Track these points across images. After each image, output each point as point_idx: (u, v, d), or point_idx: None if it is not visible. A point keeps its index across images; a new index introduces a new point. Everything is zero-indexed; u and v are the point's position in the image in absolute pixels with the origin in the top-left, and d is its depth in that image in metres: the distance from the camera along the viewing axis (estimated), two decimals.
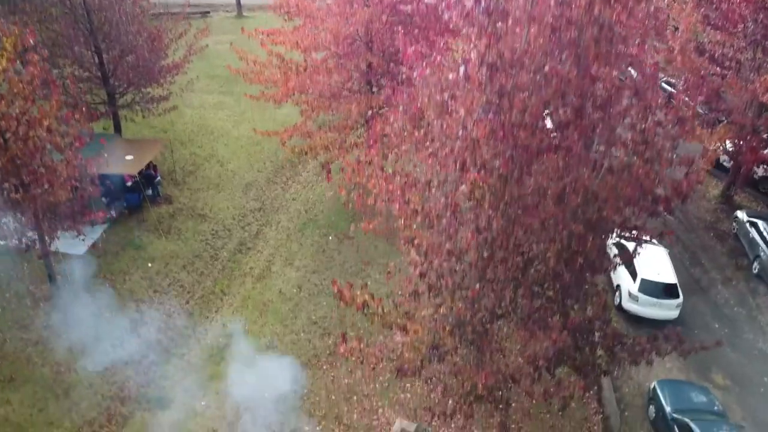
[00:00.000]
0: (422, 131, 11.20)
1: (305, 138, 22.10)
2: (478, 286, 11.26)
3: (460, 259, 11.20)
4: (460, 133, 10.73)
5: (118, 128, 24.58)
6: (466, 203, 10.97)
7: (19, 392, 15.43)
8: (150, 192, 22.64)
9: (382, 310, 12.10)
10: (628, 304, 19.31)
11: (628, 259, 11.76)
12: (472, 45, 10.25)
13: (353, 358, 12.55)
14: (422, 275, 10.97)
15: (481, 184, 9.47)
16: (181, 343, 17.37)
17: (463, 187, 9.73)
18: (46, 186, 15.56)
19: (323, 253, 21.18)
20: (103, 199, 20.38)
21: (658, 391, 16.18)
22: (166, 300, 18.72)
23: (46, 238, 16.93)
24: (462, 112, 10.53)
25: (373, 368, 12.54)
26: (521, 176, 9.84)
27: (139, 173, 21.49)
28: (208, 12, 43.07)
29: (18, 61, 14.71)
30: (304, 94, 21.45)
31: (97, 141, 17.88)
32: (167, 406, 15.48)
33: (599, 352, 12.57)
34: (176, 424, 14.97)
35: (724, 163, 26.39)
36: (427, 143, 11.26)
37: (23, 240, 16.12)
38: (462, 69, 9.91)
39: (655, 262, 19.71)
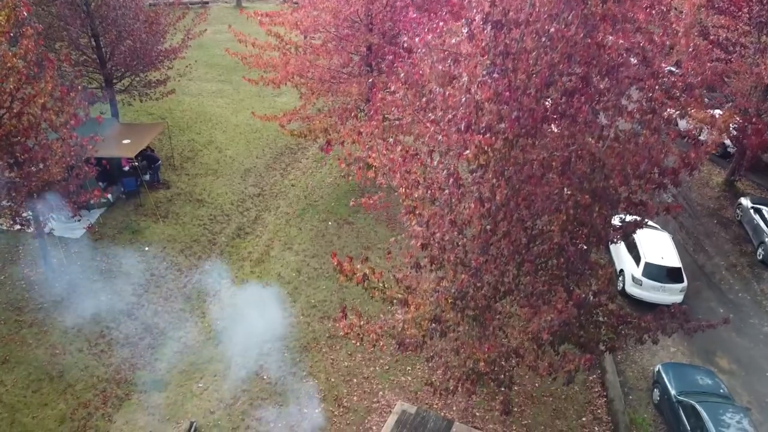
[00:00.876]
0: (424, 99, 10.92)
1: (304, 122, 21.84)
2: (481, 258, 10.99)
3: (462, 230, 10.93)
4: (463, 99, 10.48)
5: (115, 113, 24.30)
6: (470, 170, 10.72)
7: (12, 373, 15.14)
8: (148, 177, 22.39)
9: (383, 284, 11.81)
10: (631, 289, 19.03)
11: (634, 229, 11.45)
12: (475, 6, 10.01)
13: (352, 334, 12.19)
14: (424, 246, 10.69)
15: (486, 147, 9.17)
16: (178, 325, 17.08)
17: (467, 152, 9.43)
18: (40, 164, 15.29)
19: (322, 238, 20.92)
20: (100, 183, 20.12)
21: (663, 374, 15.90)
22: (163, 284, 18.44)
23: (40, 218, 16.65)
24: (465, 76, 10.27)
25: (373, 345, 12.20)
26: (527, 141, 9.55)
27: (139, 156, 21.22)
28: (207, 2, 42.83)
29: (11, 35, 14.41)
30: (304, 78, 21.19)
31: (94, 120, 17.57)
32: (163, 389, 15.20)
33: (603, 329, 12.29)
34: (172, 407, 14.70)
35: (729, 149, 26.14)
36: (429, 111, 10.99)
37: (17, 219, 15.82)
38: (465, 30, 9.64)
39: (659, 246, 19.45)
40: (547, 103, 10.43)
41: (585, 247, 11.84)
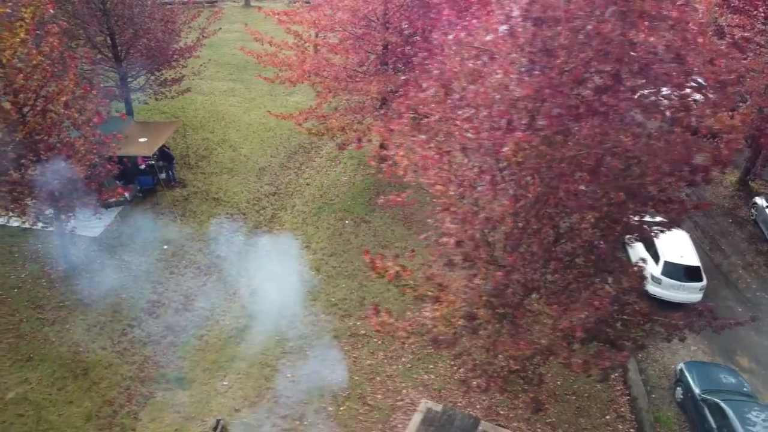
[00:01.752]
0: (456, 96, 10.92)
1: (320, 120, 21.85)
2: (513, 256, 11.00)
3: (495, 228, 10.95)
4: (497, 96, 10.49)
5: (130, 111, 24.29)
6: (500, 167, 10.72)
7: (37, 371, 15.15)
8: (164, 175, 22.40)
9: (413, 281, 11.82)
10: (650, 288, 18.97)
11: (672, 224, 11.46)
12: (506, 3, 10.02)
13: (383, 332, 12.20)
14: (458, 244, 10.69)
15: (525, 145, 9.18)
16: (199, 324, 17.08)
17: (505, 149, 9.43)
18: (69, 162, 15.29)
19: (340, 236, 20.91)
20: (117, 182, 20.12)
21: (686, 373, 15.91)
22: (183, 281, 18.45)
23: (62, 216, 16.65)
24: (500, 73, 10.29)
25: (403, 343, 12.22)
26: (566, 138, 9.56)
27: (155, 155, 21.23)
28: (215, 1, 42.81)
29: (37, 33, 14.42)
30: (320, 76, 21.20)
31: (116, 118, 17.60)
32: (187, 387, 15.21)
33: (633, 327, 12.31)
34: (197, 404, 14.71)
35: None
36: (461, 108, 10.99)
37: (40, 217, 15.82)
38: (504, 27, 9.64)
39: (678, 245, 19.45)
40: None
41: (615, 245, 11.88)
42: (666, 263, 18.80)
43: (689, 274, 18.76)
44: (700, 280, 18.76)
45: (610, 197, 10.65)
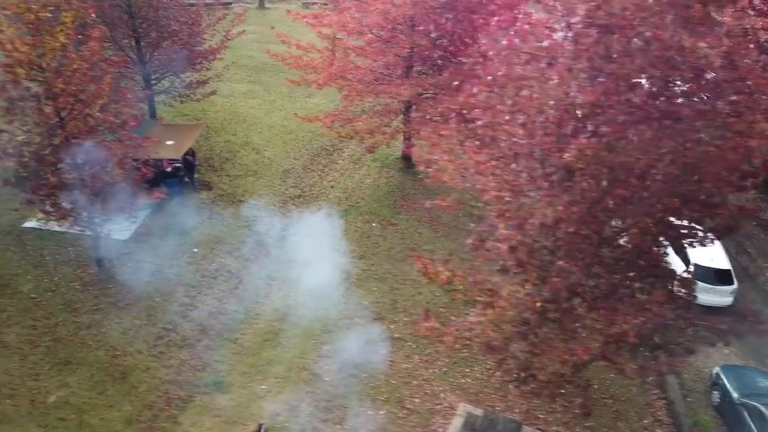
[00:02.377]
0: (510, 101, 10.92)
1: (346, 123, 21.86)
2: (568, 261, 11.02)
3: (548, 234, 10.95)
4: (551, 102, 10.51)
5: (153, 114, 24.29)
6: (547, 172, 10.73)
7: (76, 375, 15.16)
8: (187, 178, 22.39)
9: (463, 287, 11.83)
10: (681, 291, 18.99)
11: (727, 231, 11.50)
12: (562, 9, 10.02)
13: (432, 337, 12.22)
14: (512, 249, 10.70)
15: (588, 151, 9.19)
16: (233, 327, 17.09)
17: (567, 155, 9.44)
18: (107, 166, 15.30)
19: (368, 239, 20.93)
20: (145, 185, 20.09)
21: (723, 377, 15.92)
22: (215, 285, 18.46)
23: (96, 220, 16.64)
24: (556, 79, 10.30)
25: (452, 347, 12.24)
26: (627, 144, 9.58)
27: (183, 158, 21.25)
28: (230, 2, 42.77)
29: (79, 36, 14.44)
30: (346, 79, 21.22)
31: (148, 121, 17.59)
32: (225, 390, 15.22)
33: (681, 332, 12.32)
34: (237, 408, 14.72)
35: None
36: (514, 114, 11.00)
37: (78, 221, 15.83)
38: (561, 34, 9.65)
39: (708, 248, 19.37)
40: None
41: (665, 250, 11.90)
42: (697, 266, 18.77)
43: (720, 277, 18.76)
44: (731, 283, 18.76)
45: (664, 203, 10.68)
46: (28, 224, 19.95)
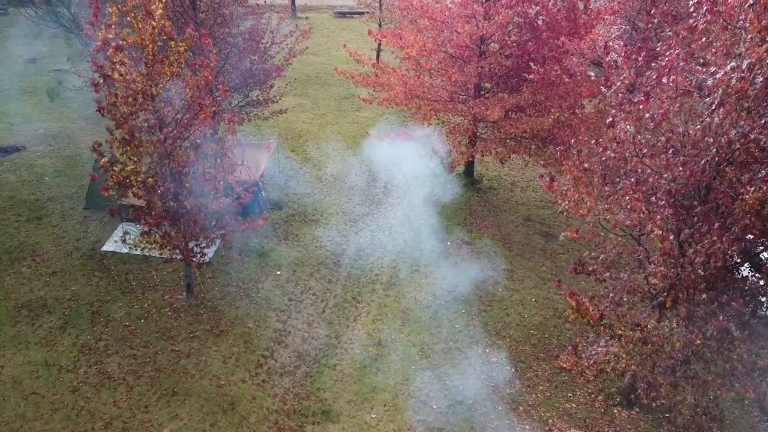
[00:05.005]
0: (663, 138, 10.90)
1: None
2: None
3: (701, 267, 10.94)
4: (709, 140, 10.52)
5: (216, 131, 24.10)
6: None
7: (185, 406, 15.00)
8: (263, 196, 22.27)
9: (611, 320, 11.80)
10: None
11: None
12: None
13: (572, 370, 12.19)
14: (672, 288, 10.68)
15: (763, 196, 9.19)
16: (328, 353, 16.99)
17: (755, 193, 9.43)
18: (211, 194, 15.17)
19: (446, 259, 20.86)
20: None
21: None
22: (303, 309, 18.35)
23: (195, 248, 16.47)
24: (717, 117, 10.29)
25: (594, 377, 12.22)
26: None
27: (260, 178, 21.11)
28: (263, 13, 42.55)
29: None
30: (421, 98, 21.19)
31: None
32: (334, 419, 15.12)
33: None
34: None
35: None
36: (666, 151, 10.98)
37: (182, 251, 15.68)
38: (735, 75, 9.62)
39: None
40: None
41: None
42: None
43: None
44: None
45: None
46: (107, 247, 19.80)
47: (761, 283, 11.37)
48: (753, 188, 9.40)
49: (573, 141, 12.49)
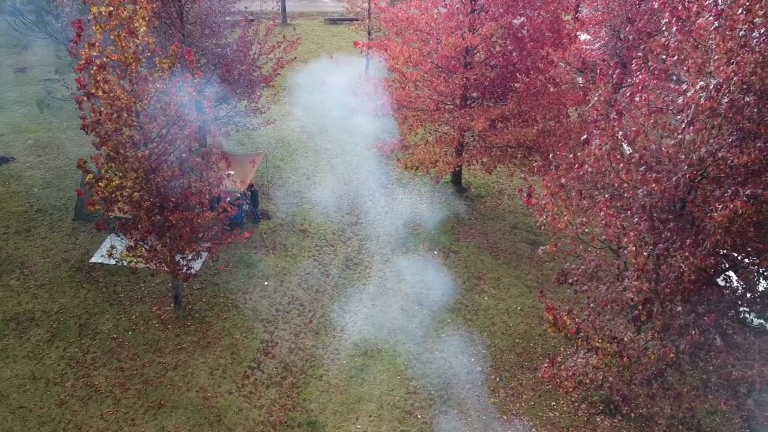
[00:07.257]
0: (637, 155, 11.12)
1: (406, 152, 22.02)
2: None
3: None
4: (681, 156, 10.73)
5: (204, 144, 24.24)
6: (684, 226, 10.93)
7: (172, 418, 15.13)
8: (247, 208, 22.39)
9: (588, 333, 12.00)
10: None
11: None
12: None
13: (552, 383, 12.37)
14: (647, 302, 10.89)
15: (741, 211, 9.40)
16: (315, 363, 17.14)
17: (716, 214, 9.65)
18: (197, 208, 15.32)
19: (433, 268, 21.03)
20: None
21: None
22: (290, 319, 18.49)
23: (182, 261, 16.60)
24: (688, 135, 10.51)
25: (573, 390, 12.41)
26: None
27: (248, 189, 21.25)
28: (253, 19, 42.70)
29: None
30: (408, 108, 21.38)
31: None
32: (321, 430, 15.26)
33: None
34: None
35: None
36: (639, 167, 11.19)
37: (169, 265, 15.81)
38: (704, 94, 9.84)
39: None
40: None
41: None
42: None
43: None
44: None
45: None
46: (95, 259, 19.91)
47: (738, 293, 11.59)
48: (721, 206, 9.62)
49: (551, 156, 12.68)
